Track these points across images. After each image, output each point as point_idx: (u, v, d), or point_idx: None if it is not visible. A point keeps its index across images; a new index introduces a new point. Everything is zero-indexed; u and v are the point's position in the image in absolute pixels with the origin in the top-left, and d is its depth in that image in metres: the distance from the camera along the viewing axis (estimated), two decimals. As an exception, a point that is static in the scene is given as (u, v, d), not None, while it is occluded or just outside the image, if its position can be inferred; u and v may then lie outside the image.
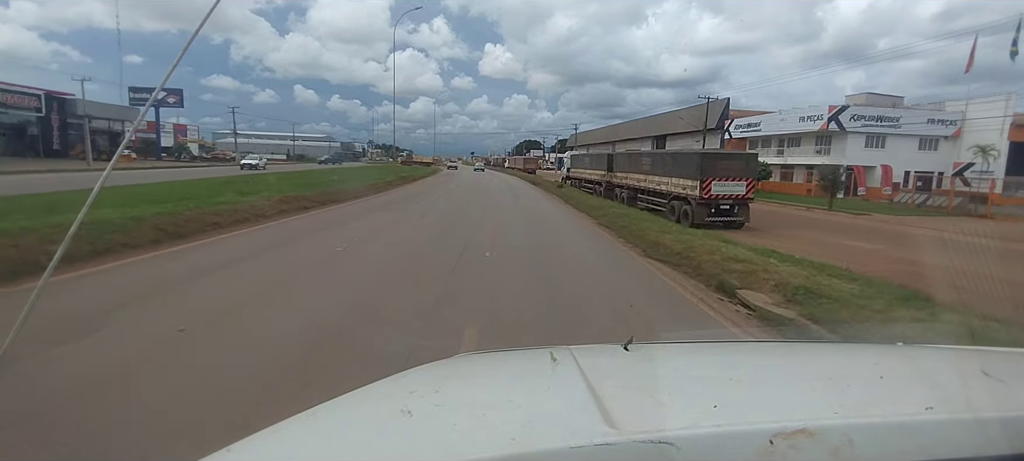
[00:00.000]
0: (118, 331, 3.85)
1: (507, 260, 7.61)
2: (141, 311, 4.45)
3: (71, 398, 2.77)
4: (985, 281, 4.31)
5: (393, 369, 1.00)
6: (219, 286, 5.45)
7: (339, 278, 6.10)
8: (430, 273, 6.51)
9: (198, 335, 3.84)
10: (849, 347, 1.35)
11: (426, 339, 3.98)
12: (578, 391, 0.80)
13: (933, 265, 7.21)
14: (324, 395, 0.86)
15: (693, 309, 5.36)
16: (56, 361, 3.19)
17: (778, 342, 1.82)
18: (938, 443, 0.64)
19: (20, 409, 2.58)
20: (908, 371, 0.99)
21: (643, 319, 4.85)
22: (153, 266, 6.22)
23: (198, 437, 2.39)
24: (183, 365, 3.31)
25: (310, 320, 4.30)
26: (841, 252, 9.88)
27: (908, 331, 4.25)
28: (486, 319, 4.62)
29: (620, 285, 6.54)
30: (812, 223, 17.40)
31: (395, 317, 4.63)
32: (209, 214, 9.36)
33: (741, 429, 0.65)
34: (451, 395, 0.88)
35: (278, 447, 0.75)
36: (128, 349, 3.55)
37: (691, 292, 6.06)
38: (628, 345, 1.06)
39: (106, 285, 5.25)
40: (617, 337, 1.11)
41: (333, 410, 0.86)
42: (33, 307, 0.94)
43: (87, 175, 20.80)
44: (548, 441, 0.64)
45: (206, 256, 6.99)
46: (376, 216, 12.92)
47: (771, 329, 4.65)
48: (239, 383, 3.06)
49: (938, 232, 10.88)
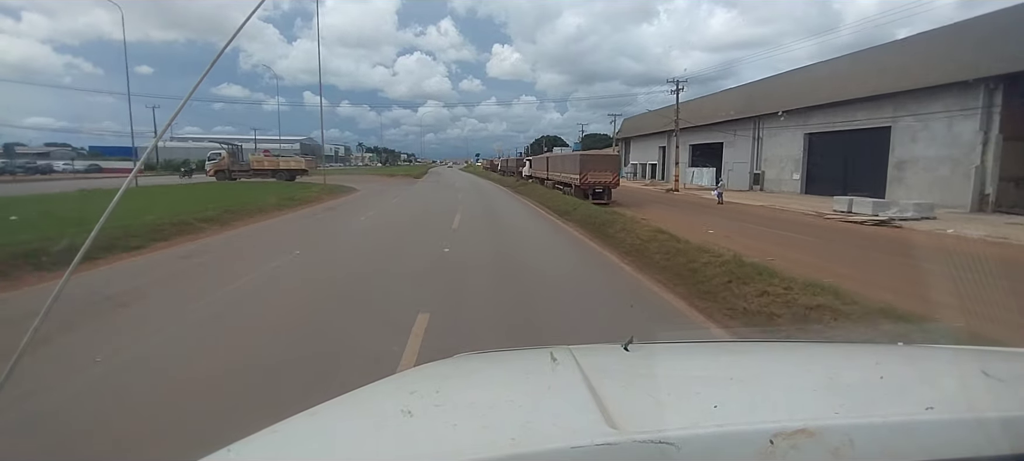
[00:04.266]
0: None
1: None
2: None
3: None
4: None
5: None
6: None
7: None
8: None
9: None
10: (849, 347, 1.35)
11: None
12: (578, 391, 0.80)
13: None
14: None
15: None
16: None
17: (778, 342, 1.82)
18: (938, 443, 0.64)
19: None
20: (908, 371, 0.99)
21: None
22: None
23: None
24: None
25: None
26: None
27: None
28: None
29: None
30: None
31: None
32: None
33: (741, 429, 0.65)
34: (451, 395, 0.88)
35: (278, 447, 0.75)
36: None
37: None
38: (628, 345, 1.06)
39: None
40: (616, 335, 1.12)
41: (333, 410, 0.86)
42: (57, 297, 0.94)
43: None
44: (548, 441, 0.64)
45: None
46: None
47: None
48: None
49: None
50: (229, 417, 2.82)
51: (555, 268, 7.60)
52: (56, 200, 16.84)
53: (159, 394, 3.24)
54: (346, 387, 0.96)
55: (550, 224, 13.21)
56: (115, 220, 8.76)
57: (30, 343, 0.91)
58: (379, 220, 13.93)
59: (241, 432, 0.76)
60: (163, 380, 3.46)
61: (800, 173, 25.83)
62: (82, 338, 4.21)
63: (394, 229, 12.17)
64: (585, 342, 1.12)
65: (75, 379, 3.40)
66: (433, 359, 1.23)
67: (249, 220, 13.21)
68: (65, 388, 3.25)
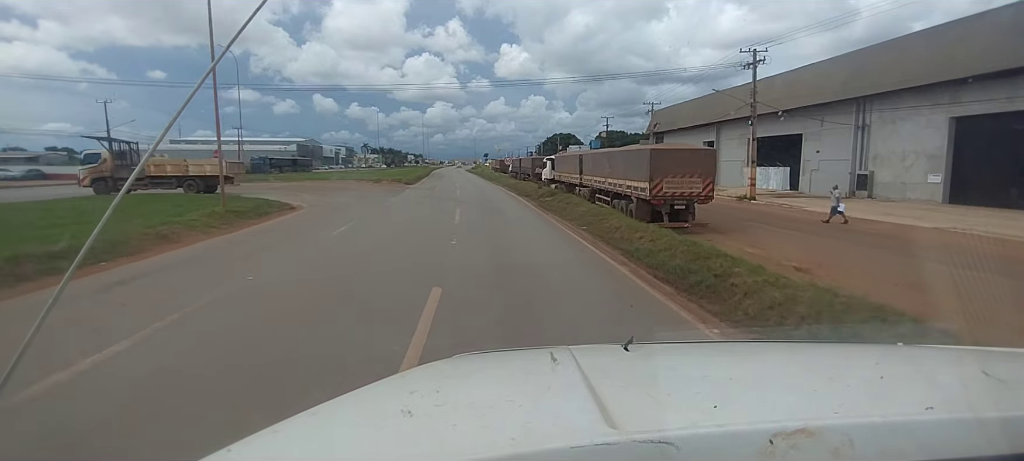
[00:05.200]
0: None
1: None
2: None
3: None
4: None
5: None
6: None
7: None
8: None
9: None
10: (849, 347, 1.35)
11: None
12: (578, 391, 0.80)
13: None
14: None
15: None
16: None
17: (778, 342, 1.82)
18: (938, 443, 0.64)
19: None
20: (908, 371, 0.98)
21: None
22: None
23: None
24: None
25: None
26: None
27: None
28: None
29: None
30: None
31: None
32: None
33: (741, 429, 0.65)
34: (451, 395, 0.87)
35: (278, 447, 0.75)
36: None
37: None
38: (628, 345, 1.05)
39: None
40: (618, 336, 1.11)
41: (333, 410, 0.86)
42: (50, 310, 0.94)
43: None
44: (548, 441, 0.64)
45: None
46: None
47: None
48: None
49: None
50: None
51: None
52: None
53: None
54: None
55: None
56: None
57: (28, 347, 0.91)
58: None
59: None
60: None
61: (942, 174, 18.27)
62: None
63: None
64: None
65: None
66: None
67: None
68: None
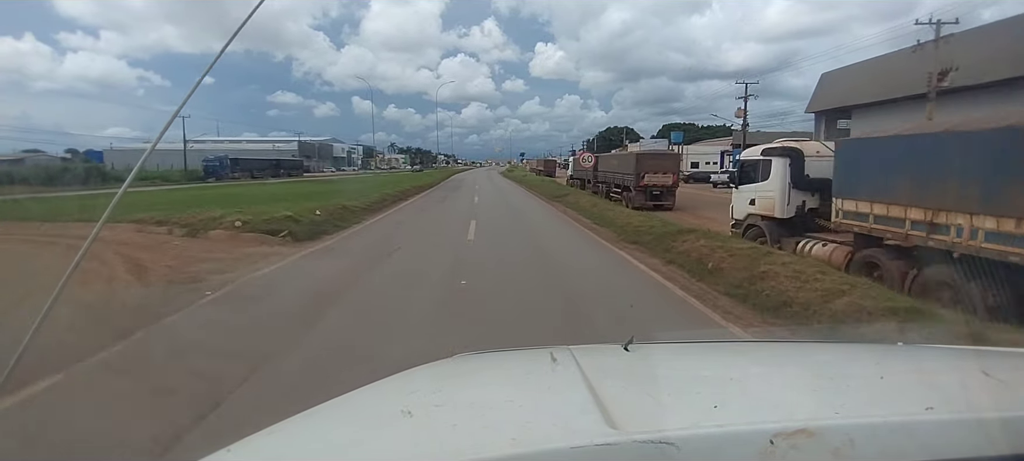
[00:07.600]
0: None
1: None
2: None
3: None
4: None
5: None
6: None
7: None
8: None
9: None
10: (849, 347, 1.35)
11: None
12: (578, 391, 0.80)
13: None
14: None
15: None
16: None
17: (778, 342, 1.82)
18: (939, 443, 0.64)
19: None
20: (908, 371, 0.98)
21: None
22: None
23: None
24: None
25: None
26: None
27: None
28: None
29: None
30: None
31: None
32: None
33: (741, 429, 0.65)
34: (451, 395, 0.87)
35: (278, 447, 0.75)
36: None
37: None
38: (628, 345, 1.05)
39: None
40: (619, 335, 1.11)
41: (333, 410, 0.86)
42: (46, 316, 0.94)
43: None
44: (548, 441, 0.64)
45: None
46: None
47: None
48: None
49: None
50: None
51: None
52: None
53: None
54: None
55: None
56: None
57: (30, 344, 0.91)
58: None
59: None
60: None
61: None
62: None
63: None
64: None
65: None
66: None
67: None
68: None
